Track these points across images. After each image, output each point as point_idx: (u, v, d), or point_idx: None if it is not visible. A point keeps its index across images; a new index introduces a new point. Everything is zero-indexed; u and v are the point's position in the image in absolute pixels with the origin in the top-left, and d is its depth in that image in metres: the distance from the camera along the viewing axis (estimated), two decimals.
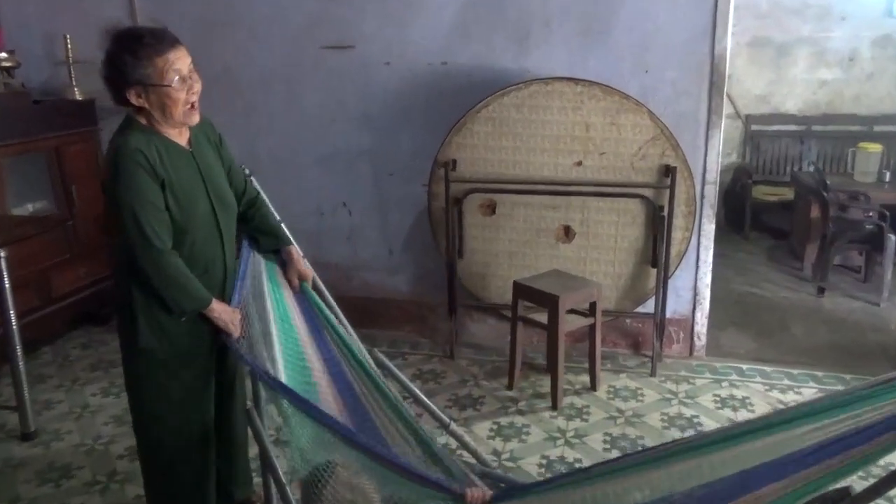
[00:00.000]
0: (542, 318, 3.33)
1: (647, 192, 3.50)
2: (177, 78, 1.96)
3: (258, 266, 2.28)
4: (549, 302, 3.24)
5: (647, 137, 3.46)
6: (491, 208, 3.69)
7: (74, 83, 4.01)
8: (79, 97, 3.99)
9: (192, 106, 2.01)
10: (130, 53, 1.92)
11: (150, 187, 1.95)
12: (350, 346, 2.17)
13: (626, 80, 3.51)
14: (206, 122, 2.19)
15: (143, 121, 2.01)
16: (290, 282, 2.30)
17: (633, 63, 3.52)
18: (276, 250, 2.34)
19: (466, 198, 3.66)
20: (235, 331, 2.08)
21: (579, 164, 3.53)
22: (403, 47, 3.76)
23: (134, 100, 1.97)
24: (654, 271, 3.59)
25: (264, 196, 2.44)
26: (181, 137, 2.09)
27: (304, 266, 2.33)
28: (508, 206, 3.65)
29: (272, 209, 2.43)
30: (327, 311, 2.26)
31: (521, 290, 3.34)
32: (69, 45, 3.98)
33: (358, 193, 4.01)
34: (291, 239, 2.38)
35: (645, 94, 3.50)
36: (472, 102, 3.59)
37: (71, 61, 3.99)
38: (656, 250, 3.53)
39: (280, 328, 2.15)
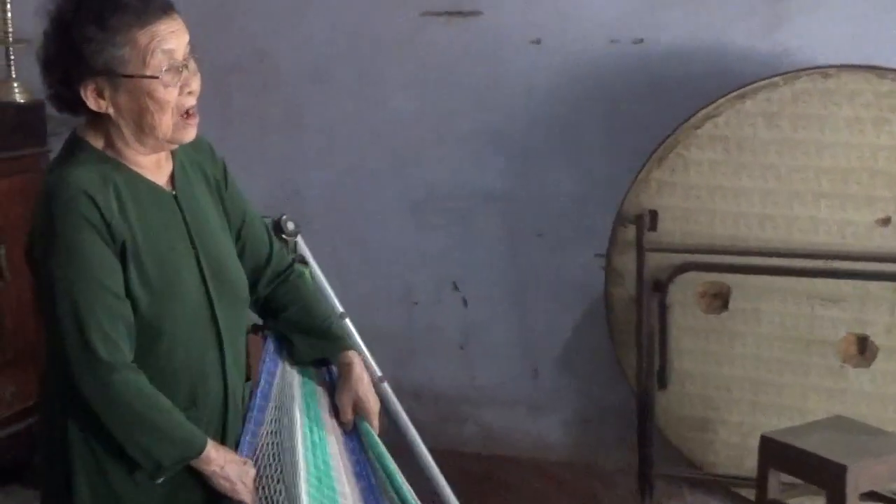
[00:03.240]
0: None
1: None
2: (166, 65, 2.04)
3: (288, 380, 2.34)
4: (828, 476, 3.11)
5: None
6: (720, 299, 3.64)
7: (14, 75, 4.22)
8: (20, 99, 4.19)
9: (188, 113, 2.09)
10: (95, 22, 2.01)
11: (101, 257, 2.02)
12: None
13: None
14: (200, 146, 2.25)
15: (99, 142, 2.09)
16: (340, 411, 2.34)
17: None
18: (322, 359, 2.40)
19: (676, 279, 3.62)
20: (248, 496, 2.12)
21: (886, 221, 3.46)
22: (566, 14, 3.82)
23: (92, 101, 2.05)
24: None
25: (315, 267, 2.50)
26: (159, 171, 2.15)
27: (367, 388, 2.35)
28: (752, 297, 3.59)
29: (326, 287, 2.47)
30: (400, 479, 2.25)
31: (776, 453, 3.23)
32: (9, 16, 4.17)
33: (479, 267, 4.04)
34: (351, 337, 2.45)
35: None
36: (686, 110, 3.59)
37: (11, 40, 4.19)
38: None
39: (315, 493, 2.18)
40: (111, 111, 2.04)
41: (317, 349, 2.36)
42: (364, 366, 2.36)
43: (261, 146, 4.22)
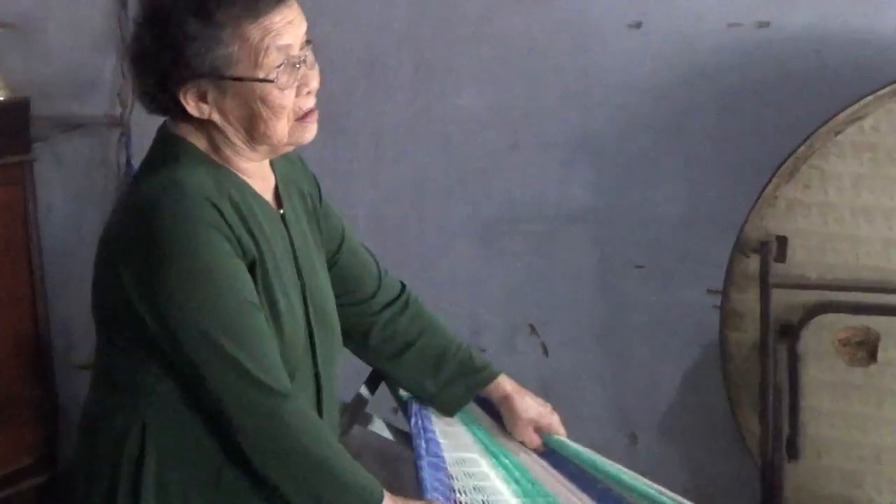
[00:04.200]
0: None
1: None
2: (282, 63, 2.09)
3: (459, 437, 2.51)
4: None
5: None
6: (866, 349, 3.55)
7: None
8: (0, 95, 4.24)
9: (308, 113, 2.19)
10: (199, 15, 2.06)
11: (242, 273, 2.09)
12: None
13: None
14: (291, 159, 2.38)
15: (201, 143, 2.18)
16: (525, 443, 2.55)
17: None
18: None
19: (810, 323, 3.55)
20: None
21: None
22: None
23: (192, 106, 2.11)
24: None
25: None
26: (264, 184, 2.25)
27: (536, 406, 2.58)
28: None
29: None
30: (616, 468, 2.49)
31: None
32: None
33: (563, 306, 4.02)
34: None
35: None
36: (823, 111, 3.53)
37: None
38: None
39: None
40: (215, 117, 2.12)
41: (469, 391, 2.54)
42: (513, 382, 2.57)
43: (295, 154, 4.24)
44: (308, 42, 2.15)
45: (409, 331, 2.49)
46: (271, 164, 2.26)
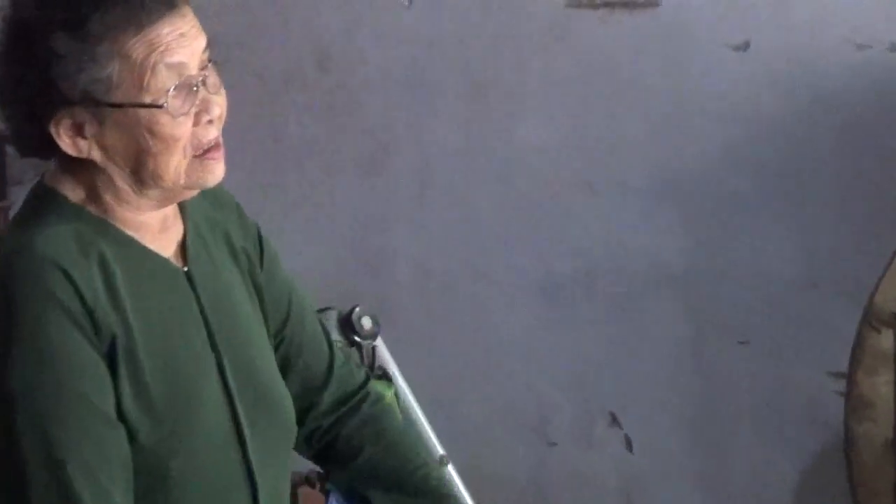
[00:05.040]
0: None
1: None
2: (173, 87, 2.04)
3: None
4: None
5: None
6: None
7: None
8: None
9: (210, 149, 2.11)
10: (67, 27, 2.01)
11: (83, 361, 2.02)
12: None
13: None
14: (222, 202, 2.31)
15: (78, 194, 2.12)
16: None
17: None
18: None
19: None
20: None
21: None
22: (788, 7, 3.75)
23: (67, 142, 2.05)
24: None
25: (402, 384, 2.57)
26: (164, 236, 2.18)
27: None
28: None
29: (418, 415, 2.54)
30: None
31: None
32: None
33: (650, 389, 3.96)
34: (456, 492, 2.48)
35: None
36: None
37: None
38: None
39: None
40: (95, 155, 2.05)
41: None
42: None
43: (326, 195, 4.26)
44: (210, 61, 2.10)
45: (358, 437, 2.43)
46: (183, 210, 2.20)
